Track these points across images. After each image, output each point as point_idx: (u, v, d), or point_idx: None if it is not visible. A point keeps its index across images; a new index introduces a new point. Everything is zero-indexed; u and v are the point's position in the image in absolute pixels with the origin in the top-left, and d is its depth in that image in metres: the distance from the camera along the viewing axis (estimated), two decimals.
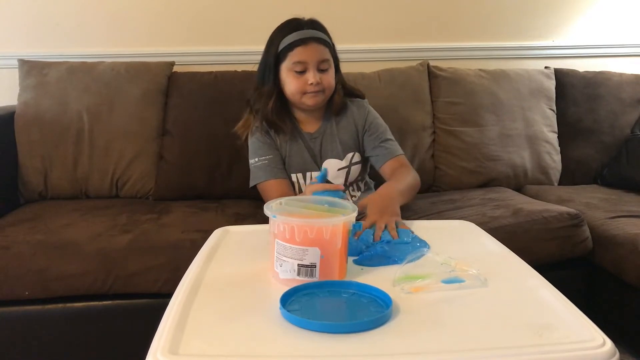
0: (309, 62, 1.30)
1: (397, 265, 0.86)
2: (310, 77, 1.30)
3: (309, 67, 1.30)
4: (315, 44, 1.31)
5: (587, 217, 1.58)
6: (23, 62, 1.89)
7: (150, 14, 2.06)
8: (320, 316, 0.71)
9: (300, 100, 1.34)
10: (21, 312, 1.35)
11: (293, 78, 1.31)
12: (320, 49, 1.31)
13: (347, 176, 1.41)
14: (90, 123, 1.81)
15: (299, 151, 1.38)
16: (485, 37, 2.23)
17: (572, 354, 0.61)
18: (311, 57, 1.30)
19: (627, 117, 2.08)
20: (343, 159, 1.39)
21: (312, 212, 0.85)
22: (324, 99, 1.36)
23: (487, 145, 1.95)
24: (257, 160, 1.37)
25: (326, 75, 1.33)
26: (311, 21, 1.35)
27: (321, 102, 1.35)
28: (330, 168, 1.39)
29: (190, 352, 0.62)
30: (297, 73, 1.31)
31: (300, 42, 1.30)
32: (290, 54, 1.31)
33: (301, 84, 1.31)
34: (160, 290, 1.36)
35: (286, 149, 1.38)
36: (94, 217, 1.57)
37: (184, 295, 0.75)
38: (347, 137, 1.41)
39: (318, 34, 1.32)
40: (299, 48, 1.30)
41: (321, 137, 1.40)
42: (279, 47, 1.33)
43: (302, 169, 1.39)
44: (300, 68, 1.30)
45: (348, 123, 1.41)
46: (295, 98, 1.34)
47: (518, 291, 0.79)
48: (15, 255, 1.34)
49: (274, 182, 1.35)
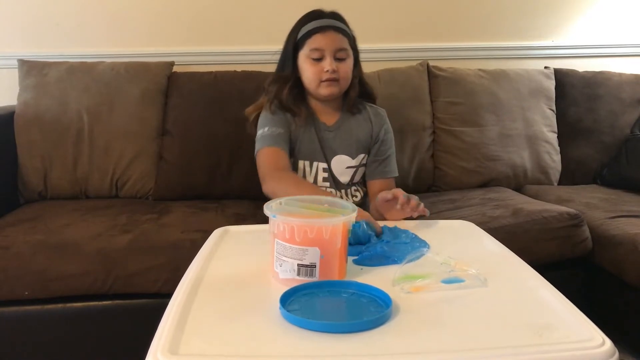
0: (326, 50, 1.30)
1: (396, 265, 0.86)
2: (326, 65, 1.30)
3: (325, 54, 1.30)
4: (333, 32, 1.31)
5: (586, 217, 1.58)
6: (23, 62, 1.89)
7: (150, 14, 2.06)
8: (320, 316, 0.71)
9: (316, 90, 1.34)
10: (21, 312, 1.35)
11: (310, 65, 1.32)
12: (339, 37, 1.31)
13: (354, 176, 1.40)
14: (90, 123, 1.81)
15: (311, 140, 1.37)
16: (485, 37, 2.23)
17: (571, 353, 0.61)
18: (328, 44, 1.30)
19: (627, 117, 2.08)
20: (354, 157, 1.39)
21: (311, 212, 0.85)
22: (340, 90, 1.35)
23: (486, 145, 1.95)
24: (266, 130, 1.32)
25: (343, 64, 1.32)
26: (333, 12, 1.36)
27: (336, 92, 1.34)
28: (339, 164, 1.38)
29: (190, 352, 0.62)
30: (314, 60, 1.31)
31: (319, 29, 1.31)
32: (308, 41, 1.31)
33: (317, 71, 1.31)
34: (160, 290, 1.36)
35: (298, 134, 1.36)
36: (93, 217, 1.57)
37: (184, 295, 0.75)
38: (363, 138, 1.40)
39: (337, 24, 1.33)
40: (317, 35, 1.30)
41: (337, 130, 1.39)
42: (299, 35, 1.33)
43: (310, 158, 1.37)
44: (317, 55, 1.30)
45: (366, 125, 1.41)
46: (312, 86, 1.34)
47: (518, 291, 0.79)
48: (15, 255, 1.34)
49: (270, 150, 1.30)
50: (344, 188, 1.39)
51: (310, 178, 1.36)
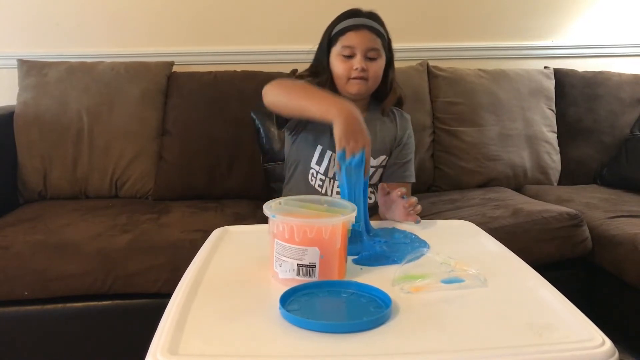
0: (357, 48, 1.30)
1: (396, 265, 0.86)
2: (356, 62, 1.29)
3: (356, 52, 1.30)
4: (367, 31, 1.31)
5: (586, 217, 1.58)
6: (22, 62, 1.89)
7: (149, 14, 2.06)
8: (319, 316, 0.70)
9: (345, 87, 1.33)
10: (21, 312, 1.35)
11: (340, 62, 1.32)
12: (372, 37, 1.31)
13: (372, 176, 1.39)
14: (89, 123, 1.81)
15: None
16: (485, 37, 2.23)
17: (571, 353, 0.61)
18: (360, 43, 1.30)
19: (627, 117, 2.08)
20: (376, 158, 1.38)
21: (311, 212, 0.85)
22: (367, 89, 1.34)
23: (486, 145, 1.95)
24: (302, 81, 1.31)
25: (373, 64, 1.31)
26: (370, 12, 1.36)
27: (364, 91, 1.34)
28: None
29: (190, 352, 0.62)
30: (344, 57, 1.31)
31: (352, 27, 1.31)
32: (341, 38, 1.31)
33: (347, 68, 1.31)
34: (160, 290, 1.36)
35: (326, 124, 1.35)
36: (93, 217, 1.57)
37: (184, 295, 0.75)
38: (387, 140, 1.39)
39: (372, 24, 1.32)
40: (350, 33, 1.30)
41: None
42: (333, 31, 1.34)
43: (331, 147, 1.33)
44: (349, 52, 1.30)
45: (391, 127, 1.40)
46: (341, 83, 1.33)
47: (518, 291, 0.79)
48: (15, 255, 1.34)
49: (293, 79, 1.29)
50: None
51: (323, 167, 1.35)
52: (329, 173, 1.33)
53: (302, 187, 1.34)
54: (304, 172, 1.35)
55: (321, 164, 1.34)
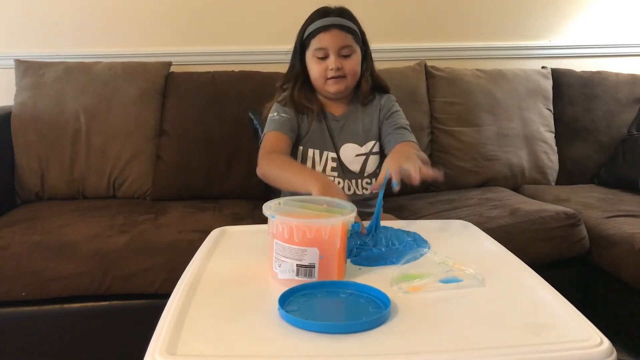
0: (330, 48, 1.31)
1: (394, 265, 0.86)
2: (330, 63, 1.31)
3: (329, 53, 1.31)
4: (337, 30, 1.32)
5: (584, 216, 1.58)
6: (20, 62, 1.88)
7: (147, 14, 2.06)
8: (318, 317, 0.70)
9: (324, 87, 1.35)
10: (18, 313, 1.34)
11: (315, 64, 1.33)
12: (342, 35, 1.32)
13: (365, 165, 1.39)
14: (87, 123, 1.80)
15: (321, 130, 1.38)
16: (483, 37, 2.24)
17: (569, 352, 0.61)
18: (332, 43, 1.31)
19: (624, 117, 2.08)
20: (363, 145, 1.39)
21: (311, 212, 0.84)
22: (347, 85, 1.35)
23: (484, 145, 1.95)
24: (274, 116, 1.35)
25: (348, 61, 1.33)
26: (339, 9, 1.36)
27: (344, 89, 1.35)
28: (347, 153, 1.38)
29: (188, 352, 0.61)
30: (319, 59, 1.33)
31: (322, 29, 1.32)
32: (313, 40, 1.33)
33: (322, 69, 1.32)
34: (158, 291, 1.35)
35: (309, 125, 1.37)
36: (91, 217, 1.57)
37: (182, 295, 0.75)
38: (370, 125, 1.40)
39: (341, 21, 1.33)
40: (321, 34, 1.31)
41: (344, 120, 1.39)
42: (305, 34, 1.35)
43: (320, 147, 1.38)
44: (322, 54, 1.32)
45: (373, 111, 1.41)
46: (319, 84, 1.35)
47: (516, 290, 0.79)
48: (12, 256, 1.34)
49: (272, 134, 1.32)
50: (354, 178, 1.38)
51: (319, 167, 1.37)
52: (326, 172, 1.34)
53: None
54: None
55: (320, 164, 1.35)
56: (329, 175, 1.36)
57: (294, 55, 1.39)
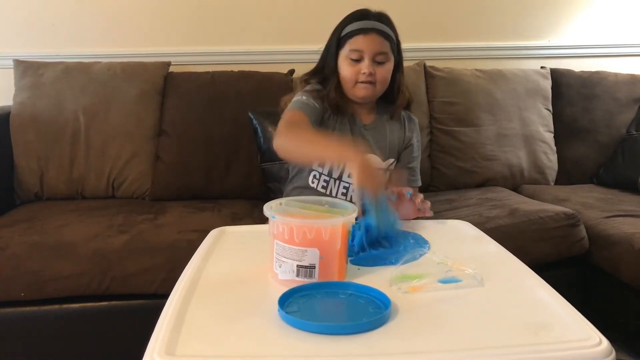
0: (365, 52, 1.29)
1: (394, 265, 0.86)
2: (363, 67, 1.28)
3: (364, 56, 1.29)
4: (376, 35, 1.29)
5: (583, 216, 1.58)
6: (19, 62, 1.88)
7: (146, 14, 2.06)
8: (318, 317, 0.70)
9: (352, 90, 1.32)
10: (17, 314, 1.34)
11: (348, 65, 1.31)
12: (380, 40, 1.30)
13: None
14: (86, 123, 1.80)
15: (345, 134, 1.34)
16: (482, 37, 2.24)
17: (568, 352, 0.61)
18: (368, 47, 1.28)
19: (623, 117, 2.08)
20: (384, 160, 1.38)
21: (311, 213, 0.84)
22: (375, 93, 1.33)
23: (483, 145, 1.95)
24: (303, 99, 1.29)
25: (381, 68, 1.30)
26: (379, 14, 1.34)
27: (371, 95, 1.33)
28: None
29: (187, 353, 0.61)
30: (352, 61, 1.30)
31: (361, 31, 1.29)
32: (349, 41, 1.30)
33: (354, 72, 1.30)
34: (157, 291, 1.35)
35: (334, 125, 1.33)
36: (90, 217, 1.56)
37: (181, 296, 0.75)
38: (395, 142, 1.39)
39: (381, 27, 1.31)
40: (359, 37, 1.29)
41: (373, 130, 1.37)
42: (341, 34, 1.32)
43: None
44: (356, 56, 1.29)
45: (399, 129, 1.40)
46: (348, 86, 1.32)
47: (515, 291, 0.79)
48: (11, 256, 1.34)
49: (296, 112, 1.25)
50: None
51: (336, 171, 1.33)
52: (333, 174, 1.33)
53: (304, 188, 1.34)
54: (307, 173, 1.35)
55: (324, 165, 1.33)
56: (344, 182, 1.33)
57: (328, 53, 1.36)
